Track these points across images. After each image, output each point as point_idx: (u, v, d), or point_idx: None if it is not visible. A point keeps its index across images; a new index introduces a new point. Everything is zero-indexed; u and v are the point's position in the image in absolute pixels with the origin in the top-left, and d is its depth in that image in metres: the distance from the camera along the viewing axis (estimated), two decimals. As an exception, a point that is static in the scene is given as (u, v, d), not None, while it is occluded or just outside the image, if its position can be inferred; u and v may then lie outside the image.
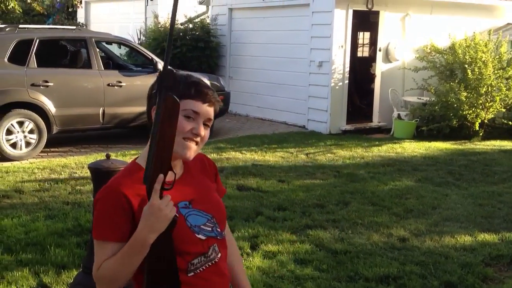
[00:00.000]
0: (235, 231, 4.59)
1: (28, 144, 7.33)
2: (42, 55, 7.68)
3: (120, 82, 7.98)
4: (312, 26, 9.67)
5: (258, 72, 10.92)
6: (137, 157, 1.73)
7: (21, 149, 7.26)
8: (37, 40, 7.52)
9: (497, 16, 11.07)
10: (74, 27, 8.93)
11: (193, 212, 1.66)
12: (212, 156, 7.42)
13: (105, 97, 7.84)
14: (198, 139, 1.64)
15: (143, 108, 8.14)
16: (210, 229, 1.67)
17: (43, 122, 7.37)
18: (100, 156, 7.33)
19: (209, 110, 1.65)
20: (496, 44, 9.52)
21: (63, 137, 8.06)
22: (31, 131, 7.33)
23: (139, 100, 8.08)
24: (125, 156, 7.28)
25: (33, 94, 7.33)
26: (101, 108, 7.82)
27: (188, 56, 11.20)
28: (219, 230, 1.71)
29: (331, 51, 9.33)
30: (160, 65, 8.44)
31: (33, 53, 7.44)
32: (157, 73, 6.93)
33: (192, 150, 1.64)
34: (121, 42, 8.89)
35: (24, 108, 7.24)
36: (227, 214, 4.91)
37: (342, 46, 9.41)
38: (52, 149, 7.75)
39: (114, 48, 10.27)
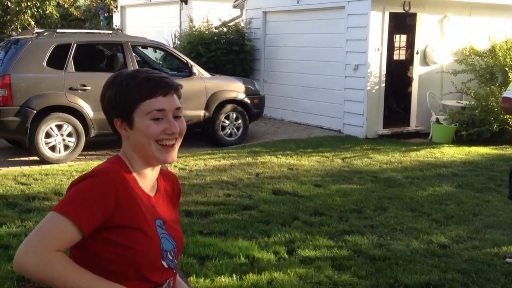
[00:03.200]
0: (271, 235, 4.56)
1: (66, 147, 7.46)
2: (79, 59, 7.81)
3: None
4: (348, 29, 9.56)
5: (293, 75, 10.86)
6: (119, 153, 1.58)
7: (60, 152, 7.39)
8: (75, 45, 7.65)
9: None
10: (111, 32, 9.04)
11: (165, 235, 1.53)
12: (247, 160, 7.41)
13: None
14: (175, 136, 1.53)
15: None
16: (171, 258, 1.54)
17: (81, 126, 7.49)
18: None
19: (173, 100, 1.52)
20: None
21: (100, 140, 8.17)
22: (69, 135, 7.46)
23: (174, 104, 8.17)
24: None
25: (71, 98, 7.46)
26: (137, 112, 7.88)
27: (223, 59, 11.23)
28: (175, 262, 1.58)
29: (367, 54, 9.21)
30: (195, 68, 8.49)
31: (71, 57, 7.57)
32: (192, 77, 6.95)
33: (173, 151, 1.53)
34: (156, 46, 8.98)
35: (63, 112, 7.37)
36: (263, 219, 4.87)
37: (378, 49, 9.27)
38: (90, 152, 7.87)
39: (149, 52, 10.39)
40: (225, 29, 11.88)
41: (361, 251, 4.30)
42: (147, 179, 1.55)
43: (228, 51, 11.30)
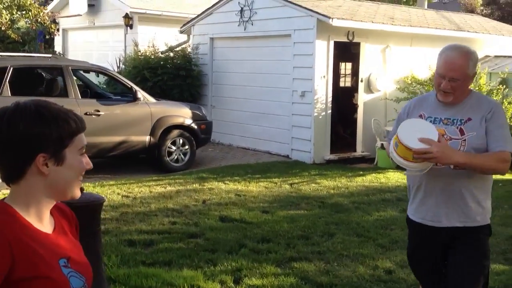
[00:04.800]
0: (217, 264, 4.44)
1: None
2: (16, 83, 7.50)
3: (98, 111, 7.83)
4: (294, 56, 9.69)
5: (241, 101, 10.87)
6: (4, 198, 1.47)
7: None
8: (11, 68, 7.36)
9: (475, 49, 11.19)
10: (50, 55, 8.78)
11: (73, 272, 1.45)
12: (194, 186, 7.28)
13: None
14: None
15: (122, 138, 8.00)
16: None
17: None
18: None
19: None
20: (476, 76, 9.62)
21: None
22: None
23: (118, 129, 7.96)
24: (103, 187, 7.08)
25: (9, 123, 7.11)
26: (79, 138, 7.61)
27: (170, 84, 11.11)
28: None
29: (313, 81, 9.34)
30: (140, 93, 8.33)
31: (7, 81, 7.27)
32: (136, 102, 6.75)
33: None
34: (98, 71, 8.77)
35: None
36: (210, 247, 4.74)
37: (324, 77, 9.43)
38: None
39: (92, 77, 10.15)
40: (171, 54, 11.78)
41: (308, 278, 4.24)
42: (44, 218, 1.48)
43: (175, 76, 11.19)
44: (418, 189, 2.82)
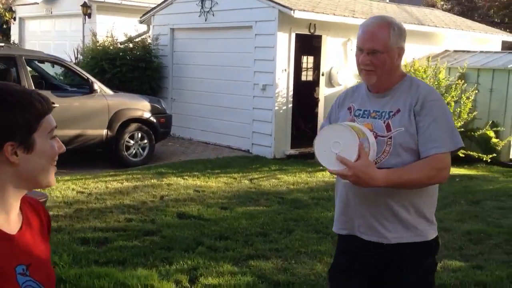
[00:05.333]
0: (173, 263, 4.33)
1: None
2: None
3: (53, 103, 7.48)
4: (256, 48, 9.59)
5: (202, 94, 10.71)
6: None
7: None
8: (-39, 58, 7.03)
9: (435, 43, 11.43)
10: (3, 44, 8.43)
11: (31, 281, 1.31)
12: (152, 181, 7.12)
13: None
14: None
15: (78, 131, 7.76)
16: None
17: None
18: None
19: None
20: (435, 70, 9.77)
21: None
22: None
23: (74, 122, 7.72)
24: (58, 182, 6.85)
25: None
26: (32, 131, 7.34)
27: (129, 76, 10.85)
28: None
29: (275, 75, 9.27)
30: (97, 85, 8.10)
31: (-43, 71, 6.95)
32: (93, 94, 6.55)
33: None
34: (54, 61, 8.47)
35: None
36: (166, 245, 4.61)
37: (285, 70, 9.38)
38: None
39: (48, 68, 9.81)
40: (131, 45, 11.50)
41: (265, 276, 4.18)
42: (11, 213, 1.32)
43: (134, 68, 10.93)
44: (341, 196, 2.37)
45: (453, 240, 5.27)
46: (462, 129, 9.54)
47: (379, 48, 2.20)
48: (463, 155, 9.22)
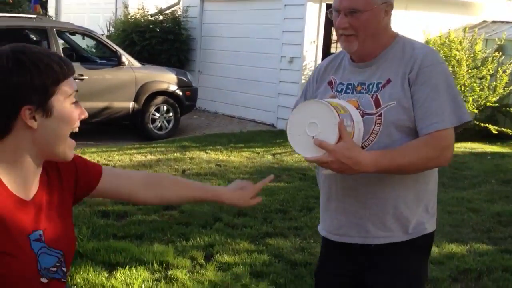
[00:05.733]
0: (190, 239, 4.33)
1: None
2: (-1, 45, 7.27)
3: (82, 75, 7.61)
4: (284, 20, 9.41)
5: (228, 67, 10.62)
6: None
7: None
8: (-6, 29, 7.11)
9: (473, 13, 10.95)
10: (35, 16, 8.49)
11: (45, 248, 1.30)
12: (175, 155, 7.14)
13: None
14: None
15: (105, 103, 7.84)
16: (55, 269, 1.33)
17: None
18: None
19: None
20: (471, 42, 9.38)
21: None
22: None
23: (101, 95, 7.76)
24: (84, 154, 6.93)
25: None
26: (61, 103, 7.42)
27: (158, 49, 10.84)
28: (64, 269, 1.36)
29: (303, 47, 9.09)
30: (124, 57, 8.10)
31: (-12, 43, 7.03)
32: (121, 66, 6.56)
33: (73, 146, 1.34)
34: (83, 33, 8.51)
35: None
36: (184, 220, 4.60)
37: (314, 42, 9.18)
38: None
39: (80, 40, 9.87)
40: (161, 17, 11.46)
41: (282, 255, 4.14)
42: (28, 180, 1.30)
43: (164, 40, 10.91)
44: (323, 187, 2.01)
45: (481, 222, 5.10)
46: (497, 104, 9.20)
47: (359, 7, 1.78)
48: (496, 132, 8.91)
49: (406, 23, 9.88)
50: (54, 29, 7.69)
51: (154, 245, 4.16)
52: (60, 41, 8.62)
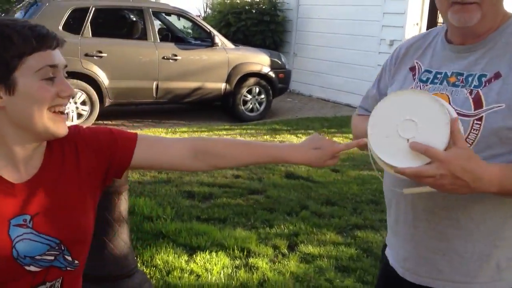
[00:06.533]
0: (274, 226, 4.17)
1: (80, 115, 7.21)
2: (97, 25, 7.49)
3: (176, 55, 7.66)
4: (385, 1, 8.90)
5: (324, 49, 10.28)
6: None
7: (72, 120, 7.14)
8: (93, 9, 7.32)
9: None
10: None
11: (31, 235, 1.16)
12: (265, 138, 7.00)
13: (159, 71, 7.55)
14: (68, 100, 1.19)
15: (198, 84, 7.86)
16: (52, 258, 1.19)
17: (95, 94, 7.21)
18: (151, 131, 7.11)
19: (61, 55, 1.19)
20: None
21: (116, 110, 7.90)
22: (83, 103, 7.20)
23: (194, 75, 7.79)
24: (175, 134, 7.00)
25: (87, 65, 7.16)
26: (155, 82, 7.55)
27: (253, 30, 10.74)
28: (70, 258, 1.21)
29: (405, 29, 8.55)
30: (218, 38, 8.05)
31: (88, 22, 7.26)
32: (214, 47, 6.44)
33: (65, 120, 1.19)
34: (179, 13, 8.55)
35: (77, 79, 7.07)
36: (269, 206, 4.43)
37: (417, 24, 8.60)
38: (105, 122, 7.60)
39: (176, 21, 10.00)
40: (257, -2, 11.34)
41: (371, 250, 3.85)
42: (14, 161, 1.18)
43: (259, 22, 10.78)
44: (388, 204, 1.58)
45: None
46: None
47: None
48: None
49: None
50: (150, 10, 7.79)
51: (237, 230, 4.04)
52: (157, 22, 8.76)
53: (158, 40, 7.76)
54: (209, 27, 8.32)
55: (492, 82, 1.33)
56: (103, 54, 7.23)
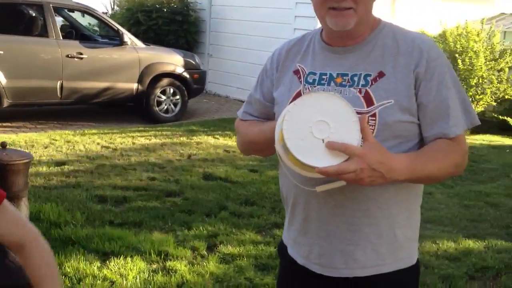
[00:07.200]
0: (192, 228, 4.05)
1: (-24, 117, 6.69)
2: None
3: (81, 53, 7.31)
4: (296, 4, 9.07)
5: (240, 51, 10.29)
6: None
7: (-31, 122, 6.61)
8: (-10, 3, 6.81)
9: (491, 5, 10.58)
10: None
11: None
12: (181, 139, 6.85)
13: (64, 69, 7.16)
14: None
15: (107, 84, 7.54)
16: None
17: (-8, 94, 6.71)
18: (57, 133, 6.73)
19: None
20: (489, 34, 9.03)
21: (17, 111, 7.39)
22: (-22, 103, 6.68)
23: (102, 75, 7.47)
24: (84, 136, 6.66)
25: (-18, 63, 6.64)
26: (59, 81, 7.15)
27: (165, 29, 10.50)
28: None
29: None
30: (127, 37, 7.78)
31: (-16, 17, 6.74)
32: (123, 46, 6.19)
33: None
34: (83, 10, 8.16)
35: (-28, 78, 6.55)
36: (187, 208, 4.32)
37: (327, 27, 8.82)
38: (4, 124, 7.08)
39: (82, 18, 9.57)
40: (168, -3, 11.11)
41: (290, 248, 3.85)
42: None
43: (171, 21, 10.57)
44: (294, 204, 1.56)
45: (500, 217, 4.81)
46: (517, 97, 8.86)
47: None
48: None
49: (423, 12, 9.54)
50: (51, 5, 7.38)
51: (153, 234, 3.89)
52: (59, 18, 8.32)
53: (61, 38, 7.36)
54: (116, 25, 8.02)
55: (378, 81, 1.43)
56: None
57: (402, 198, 1.48)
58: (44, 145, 6.09)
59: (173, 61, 8.15)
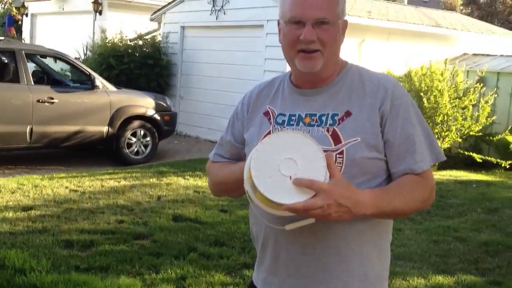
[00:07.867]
0: (160, 271, 3.99)
1: None
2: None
3: (52, 98, 7.30)
4: (266, 47, 9.27)
5: (210, 92, 10.43)
6: None
7: None
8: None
9: (453, 45, 10.99)
10: (2, 38, 8.24)
11: None
12: (151, 181, 6.81)
13: (34, 114, 7.12)
14: None
15: (77, 127, 7.53)
16: None
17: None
18: (25, 178, 6.62)
19: None
20: (452, 73, 9.35)
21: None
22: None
23: (73, 118, 7.46)
24: (52, 180, 6.57)
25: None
26: (28, 126, 7.10)
27: (136, 73, 10.60)
28: None
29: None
30: (98, 81, 7.82)
31: (-45, 64, 6.71)
32: (95, 90, 6.22)
33: None
34: (55, 56, 8.20)
35: None
36: (156, 250, 4.26)
37: (296, 69, 9.02)
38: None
39: (54, 64, 9.58)
40: (140, 42, 11.26)
41: (260, 288, 3.81)
42: None
43: (142, 65, 10.68)
44: (264, 243, 1.59)
45: (468, 251, 4.86)
46: (480, 134, 9.10)
47: (329, 17, 1.48)
48: (481, 160, 8.81)
49: (388, 53, 9.86)
50: (23, 51, 7.42)
51: (120, 278, 3.81)
52: (32, 64, 8.34)
53: (32, 83, 7.35)
54: (88, 69, 8.06)
55: (345, 120, 1.50)
56: (-29, 97, 6.69)
57: (372, 236, 1.50)
58: (11, 190, 5.99)
59: (144, 103, 8.19)
